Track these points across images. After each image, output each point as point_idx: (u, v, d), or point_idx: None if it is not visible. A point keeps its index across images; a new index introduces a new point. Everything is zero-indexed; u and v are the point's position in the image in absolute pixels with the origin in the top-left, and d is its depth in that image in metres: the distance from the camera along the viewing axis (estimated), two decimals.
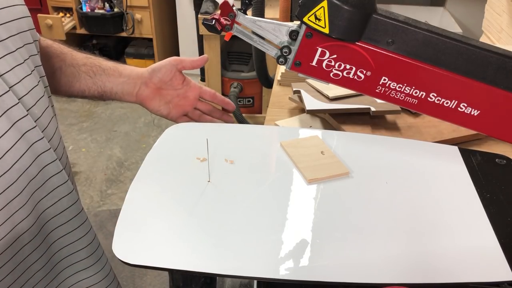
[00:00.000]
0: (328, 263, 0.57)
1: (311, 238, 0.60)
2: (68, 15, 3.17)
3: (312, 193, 0.69)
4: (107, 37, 3.26)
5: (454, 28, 2.33)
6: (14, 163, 0.61)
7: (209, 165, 0.72)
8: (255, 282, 0.63)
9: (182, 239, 0.59)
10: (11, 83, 0.62)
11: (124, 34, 3.16)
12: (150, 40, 3.17)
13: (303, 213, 0.65)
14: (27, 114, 0.63)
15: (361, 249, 0.59)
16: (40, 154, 0.65)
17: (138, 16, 3.08)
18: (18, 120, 0.62)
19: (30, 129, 0.63)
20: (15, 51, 0.64)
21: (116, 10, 3.07)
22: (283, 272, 0.55)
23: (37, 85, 0.68)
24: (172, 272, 0.62)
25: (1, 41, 0.62)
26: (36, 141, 0.64)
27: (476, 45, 0.57)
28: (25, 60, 0.66)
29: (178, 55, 3.23)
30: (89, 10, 3.07)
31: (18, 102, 0.62)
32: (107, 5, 3.07)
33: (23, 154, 0.62)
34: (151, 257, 0.56)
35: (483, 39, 1.65)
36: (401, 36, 0.57)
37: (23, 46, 0.66)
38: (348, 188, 0.70)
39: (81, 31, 3.18)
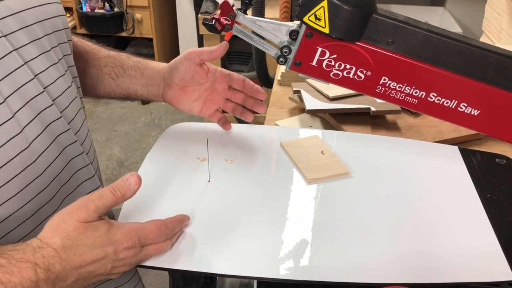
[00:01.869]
0: (328, 263, 0.57)
1: (311, 238, 0.60)
2: (68, 15, 3.17)
3: (312, 193, 0.69)
4: (107, 37, 3.26)
5: (454, 28, 2.33)
6: (47, 167, 0.59)
7: (209, 165, 0.72)
8: (255, 282, 0.63)
9: (182, 239, 0.59)
10: (46, 83, 0.60)
11: (124, 34, 3.16)
12: (150, 40, 3.16)
13: (303, 213, 0.65)
14: (61, 117, 0.61)
15: (361, 249, 0.59)
16: (72, 158, 0.63)
17: (138, 16, 3.08)
18: (52, 123, 0.59)
19: (63, 132, 0.61)
20: (50, 50, 0.62)
21: (116, 10, 3.07)
22: (283, 272, 0.55)
23: (71, 86, 0.65)
24: (172, 272, 0.62)
25: (37, 39, 0.60)
26: (68, 145, 0.62)
27: (476, 45, 0.57)
28: (59, 60, 0.64)
29: (178, 54, 3.21)
30: (89, 10, 3.07)
31: (52, 104, 0.59)
32: (107, 5, 3.07)
33: (55, 158, 0.60)
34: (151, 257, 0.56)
35: (483, 39, 1.65)
36: (401, 36, 0.57)
37: (57, 46, 0.64)
38: (348, 188, 0.70)
39: (81, 31, 3.18)
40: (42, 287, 0.47)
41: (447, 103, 0.61)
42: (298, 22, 0.58)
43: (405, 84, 0.60)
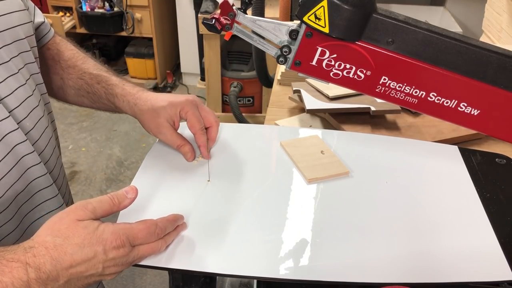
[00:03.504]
0: (328, 263, 0.57)
1: (311, 238, 0.60)
2: (68, 14, 3.17)
3: (312, 193, 0.69)
4: (107, 36, 3.26)
5: (454, 27, 2.33)
6: (2, 178, 0.60)
7: (209, 164, 0.72)
8: (255, 281, 0.63)
9: (182, 239, 0.59)
10: (2, 95, 0.61)
11: (124, 33, 3.16)
12: (150, 39, 3.16)
13: (303, 213, 0.65)
14: (18, 128, 0.62)
15: (361, 249, 0.59)
16: (29, 168, 0.64)
17: (138, 15, 3.07)
18: (8, 134, 0.60)
19: (20, 143, 0.62)
20: (8, 61, 0.62)
21: (116, 9, 3.07)
22: (282, 272, 0.55)
23: (32, 95, 0.66)
24: (171, 272, 0.61)
25: None
26: (25, 155, 0.63)
27: (476, 44, 0.57)
28: (19, 70, 0.64)
29: (178, 54, 3.23)
30: (89, 10, 3.07)
31: (9, 116, 0.60)
32: (107, 4, 3.06)
33: (11, 169, 0.61)
34: (150, 257, 0.56)
35: (483, 38, 1.65)
36: (401, 35, 0.57)
37: (18, 55, 0.65)
38: (348, 188, 0.70)
39: (81, 30, 3.17)
40: (33, 286, 0.48)
41: (447, 102, 0.61)
42: (298, 21, 0.58)
43: (405, 84, 0.60)
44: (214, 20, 0.61)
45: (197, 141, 0.74)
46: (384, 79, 0.60)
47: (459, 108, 0.61)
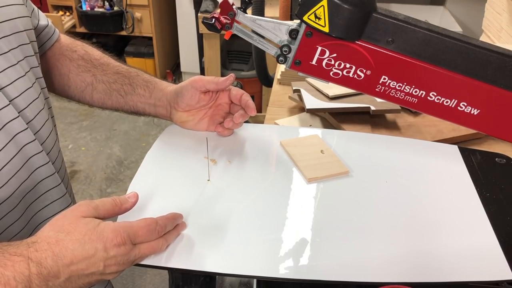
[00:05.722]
0: (328, 262, 0.57)
1: (311, 237, 0.60)
2: (67, 13, 3.17)
3: (312, 192, 0.69)
4: (107, 35, 3.26)
5: (454, 27, 2.33)
6: (4, 166, 0.60)
7: (209, 164, 0.72)
8: (255, 281, 0.63)
9: (181, 238, 0.59)
10: (2, 84, 0.61)
11: (123, 32, 3.16)
12: (150, 39, 3.16)
13: (303, 212, 0.65)
14: (18, 116, 0.62)
15: (361, 248, 0.59)
16: (31, 156, 0.65)
17: (137, 14, 3.07)
18: (8, 122, 0.61)
19: (21, 132, 0.62)
20: (7, 52, 0.63)
21: (115, 8, 3.07)
22: (282, 271, 0.55)
23: (31, 87, 0.67)
24: (171, 271, 0.62)
25: None
26: (27, 144, 0.63)
27: (476, 44, 0.57)
28: (18, 62, 0.65)
29: (177, 54, 3.23)
30: (88, 9, 3.07)
31: (9, 104, 0.61)
32: (106, 3, 3.06)
33: (13, 157, 0.61)
34: (150, 256, 0.56)
35: (483, 38, 1.65)
36: (401, 35, 0.57)
37: (17, 47, 0.65)
38: (348, 187, 0.70)
39: (81, 29, 3.17)
40: (34, 281, 0.48)
41: (447, 102, 0.61)
42: (298, 21, 0.58)
43: (405, 83, 0.60)
44: (214, 19, 0.61)
45: (244, 98, 0.77)
46: (384, 79, 0.60)
47: (459, 108, 0.61)
